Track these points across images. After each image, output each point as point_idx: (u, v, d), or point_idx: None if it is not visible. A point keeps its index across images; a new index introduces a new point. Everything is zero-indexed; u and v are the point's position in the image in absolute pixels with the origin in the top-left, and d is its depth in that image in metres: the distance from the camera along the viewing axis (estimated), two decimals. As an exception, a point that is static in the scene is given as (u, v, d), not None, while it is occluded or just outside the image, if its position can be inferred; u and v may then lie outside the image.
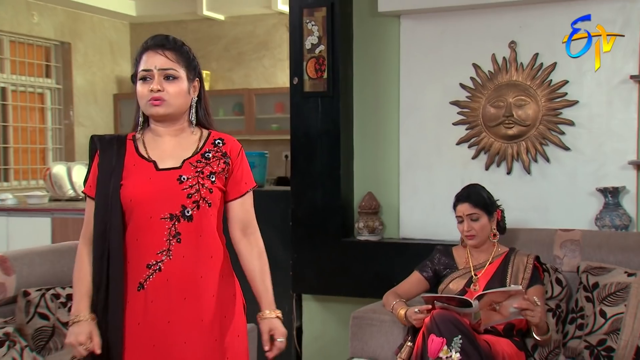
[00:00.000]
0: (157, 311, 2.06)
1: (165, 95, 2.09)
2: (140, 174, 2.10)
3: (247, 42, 7.96)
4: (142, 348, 2.06)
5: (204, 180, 2.11)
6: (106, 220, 2.08)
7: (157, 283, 2.06)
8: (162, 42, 2.13)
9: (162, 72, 2.09)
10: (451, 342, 2.35)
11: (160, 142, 2.16)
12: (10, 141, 7.50)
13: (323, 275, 4.05)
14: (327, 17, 3.94)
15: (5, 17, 7.23)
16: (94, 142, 2.18)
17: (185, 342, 2.07)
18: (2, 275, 2.69)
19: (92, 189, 2.14)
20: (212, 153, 2.15)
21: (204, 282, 2.09)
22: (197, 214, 2.09)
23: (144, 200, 2.08)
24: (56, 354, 2.64)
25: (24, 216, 5.56)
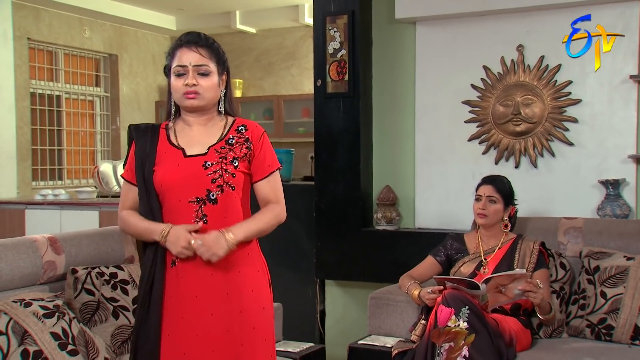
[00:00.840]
0: (186, 286, 2.08)
1: (199, 89, 2.11)
2: (170, 161, 2.12)
3: (276, 52, 8.01)
4: (173, 320, 2.08)
5: (227, 166, 2.11)
6: (148, 203, 2.12)
7: (186, 260, 2.08)
8: (196, 39, 2.15)
9: (196, 68, 2.11)
10: (459, 312, 2.33)
11: (189, 130, 2.18)
12: (64, 144, 7.63)
13: (344, 262, 4.05)
14: (348, 24, 3.95)
15: (60, 32, 7.37)
16: (131, 131, 2.22)
17: (212, 314, 2.07)
18: (53, 254, 2.72)
19: (128, 174, 2.18)
20: (235, 139, 2.15)
21: (229, 258, 2.09)
22: (222, 197, 2.10)
23: (173, 185, 2.10)
24: (101, 325, 2.66)
25: (75, 209, 5.63)
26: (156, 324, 2.09)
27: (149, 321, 2.09)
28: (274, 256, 4.24)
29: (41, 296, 2.57)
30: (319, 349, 3.02)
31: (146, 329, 2.09)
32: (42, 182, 7.33)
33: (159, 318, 2.09)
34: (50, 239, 2.76)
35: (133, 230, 2.16)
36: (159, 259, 2.10)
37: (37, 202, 5.83)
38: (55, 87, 7.52)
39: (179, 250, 2.04)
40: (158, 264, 2.10)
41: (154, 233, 2.08)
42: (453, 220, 3.85)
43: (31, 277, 2.65)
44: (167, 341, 2.08)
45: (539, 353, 2.75)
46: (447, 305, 2.43)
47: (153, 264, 2.11)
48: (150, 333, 2.08)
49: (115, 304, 2.72)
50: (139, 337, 2.09)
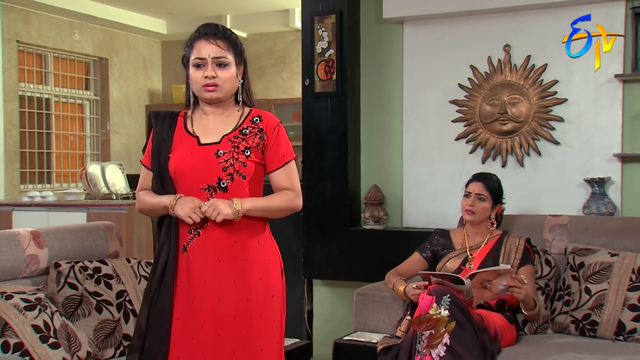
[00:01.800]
0: (195, 271, 2.11)
1: (218, 81, 2.14)
2: (184, 148, 2.16)
3: (267, 57, 8.03)
4: (182, 304, 2.12)
5: (239, 155, 2.14)
6: (163, 188, 2.17)
7: (196, 246, 2.12)
8: (214, 31, 2.17)
9: (215, 60, 2.13)
10: (440, 300, 2.34)
11: (205, 119, 2.21)
12: (53, 147, 7.61)
13: (332, 262, 4.05)
14: (336, 24, 3.97)
15: (50, 35, 7.36)
16: (150, 117, 2.26)
17: (219, 299, 2.10)
18: (35, 248, 2.72)
19: (147, 159, 2.24)
20: (249, 129, 2.18)
21: (238, 247, 2.12)
22: (232, 185, 2.13)
23: (185, 172, 2.14)
24: (84, 320, 2.66)
25: (63, 211, 5.61)
26: (168, 307, 2.12)
27: (162, 303, 2.11)
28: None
29: (23, 289, 2.57)
30: (304, 345, 3.02)
31: (158, 311, 2.12)
32: (31, 185, 7.30)
33: (170, 302, 2.12)
34: (33, 232, 2.76)
35: (148, 205, 2.20)
36: (173, 242, 2.13)
37: (25, 203, 5.81)
38: (45, 90, 7.51)
39: (187, 211, 2.06)
40: (172, 247, 2.13)
41: (165, 201, 2.12)
42: (440, 219, 3.86)
43: (13, 271, 2.65)
44: (177, 325, 2.12)
45: (523, 348, 2.75)
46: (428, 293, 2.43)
47: (166, 248, 2.14)
48: (163, 316, 2.10)
49: (98, 298, 2.72)
50: (150, 318, 2.12)
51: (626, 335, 2.81)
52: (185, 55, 2.19)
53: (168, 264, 2.12)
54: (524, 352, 2.71)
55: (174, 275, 2.12)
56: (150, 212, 2.21)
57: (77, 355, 2.53)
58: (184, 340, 2.10)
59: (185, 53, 2.19)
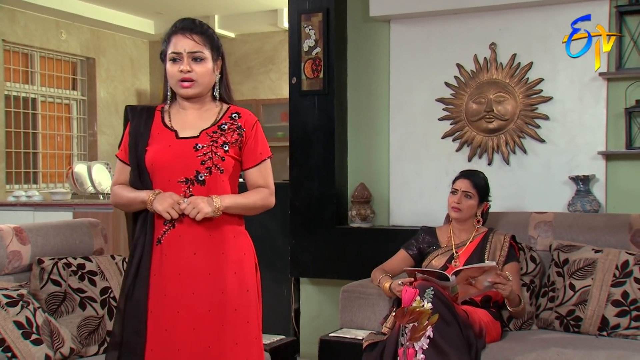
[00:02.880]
0: (169, 264, 2.11)
1: (194, 76, 2.15)
2: (162, 142, 2.17)
3: (256, 57, 8.03)
4: (157, 297, 2.11)
5: (217, 149, 2.15)
6: (140, 181, 2.16)
7: (171, 238, 2.12)
8: (191, 25, 2.18)
9: (190, 55, 2.15)
10: (423, 292, 2.35)
11: (183, 114, 2.22)
12: (39, 147, 7.57)
13: (319, 260, 4.05)
14: (323, 22, 3.97)
15: (36, 34, 7.33)
16: (127, 112, 2.28)
17: (194, 292, 2.10)
18: (18, 244, 2.70)
19: (122, 153, 2.24)
20: (228, 125, 2.20)
21: (213, 240, 2.13)
22: (210, 179, 2.13)
23: (163, 165, 2.14)
24: (67, 316, 2.64)
25: (48, 211, 5.58)
26: (144, 300, 2.11)
27: (137, 296, 2.11)
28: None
29: (5, 285, 2.56)
30: (290, 341, 3.02)
31: (134, 304, 2.11)
32: (17, 185, 7.26)
33: (145, 295, 2.11)
34: (15, 228, 2.74)
35: (125, 199, 2.19)
36: (149, 235, 2.13)
37: (10, 203, 5.78)
38: (31, 90, 7.47)
39: (166, 206, 2.06)
40: (147, 240, 2.13)
41: (143, 196, 2.12)
42: (427, 217, 3.87)
43: (-5, 267, 2.63)
44: (151, 317, 2.11)
45: (508, 344, 2.76)
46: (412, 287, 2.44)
47: (142, 242, 2.14)
48: (138, 308, 2.10)
49: (82, 295, 2.71)
50: (127, 313, 2.11)
51: (609, 330, 2.83)
52: (163, 50, 2.21)
53: (143, 257, 2.12)
54: (508, 347, 2.72)
55: (148, 269, 2.12)
56: (127, 206, 2.21)
57: (60, 352, 2.51)
58: (157, 332, 2.10)
59: (163, 48, 2.21)
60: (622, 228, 3.09)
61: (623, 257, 2.93)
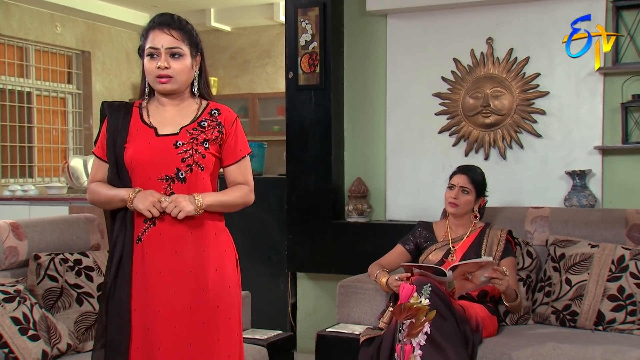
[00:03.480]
0: (150, 262, 2.09)
1: (172, 72, 2.12)
2: (142, 139, 2.14)
3: (252, 51, 8.00)
4: (138, 295, 2.09)
5: (198, 147, 2.13)
6: (119, 179, 2.14)
7: (151, 236, 2.10)
8: (168, 21, 2.15)
9: (168, 50, 2.12)
10: (421, 289, 2.35)
11: (162, 110, 2.19)
12: (35, 141, 7.53)
13: (316, 255, 4.05)
14: (320, 16, 3.97)
15: (31, 27, 7.28)
16: (104, 108, 2.21)
17: (175, 290, 2.08)
18: (15, 240, 2.70)
19: (99, 150, 2.20)
20: (207, 122, 2.17)
21: (193, 238, 2.11)
22: (190, 176, 2.12)
23: (143, 163, 2.11)
24: (64, 312, 2.64)
25: (45, 205, 5.57)
26: (126, 299, 2.10)
27: (119, 295, 2.10)
28: (246, 249, 4.23)
29: (2, 281, 2.55)
30: (287, 337, 3.02)
31: (116, 303, 2.10)
32: (12, 179, 7.23)
33: (128, 294, 2.10)
34: (12, 224, 2.73)
35: (103, 197, 2.15)
36: (128, 233, 2.11)
37: (6, 197, 5.76)
38: (26, 84, 7.43)
39: (147, 204, 2.04)
40: (126, 240, 2.11)
41: (123, 194, 2.09)
42: (424, 212, 3.88)
43: (-8, 263, 2.63)
44: (135, 316, 2.10)
45: (504, 338, 2.78)
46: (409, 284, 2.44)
47: (121, 240, 2.12)
48: (121, 307, 2.08)
49: (79, 291, 2.71)
50: (110, 310, 2.10)
51: (605, 325, 2.85)
52: (141, 46, 2.17)
53: (124, 256, 2.10)
54: (504, 342, 2.73)
55: (130, 267, 2.10)
56: (105, 204, 2.17)
57: (57, 348, 2.51)
58: (140, 331, 2.08)
59: (141, 43, 2.17)
60: (619, 223, 3.10)
61: (619, 252, 2.94)
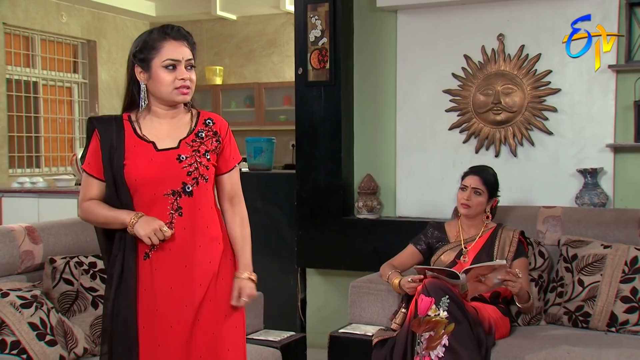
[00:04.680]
0: (160, 278, 2.08)
1: (190, 84, 2.13)
2: (142, 155, 2.10)
3: (257, 40, 7.95)
4: (148, 312, 2.08)
5: (201, 158, 2.13)
6: (118, 198, 2.10)
7: (160, 253, 2.08)
8: (184, 34, 2.14)
9: (187, 62, 2.12)
10: (439, 301, 2.35)
11: (157, 123, 2.15)
12: (41, 131, 7.52)
13: (325, 251, 4.06)
14: (330, 12, 3.93)
15: (37, 17, 7.24)
16: (92, 123, 2.15)
17: (186, 305, 2.08)
18: (30, 243, 2.70)
19: (90, 167, 2.13)
20: (204, 132, 2.17)
21: (202, 251, 2.11)
22: (197, 189, 2.11)
23: (148, 180, 2.08)
24: (80, 315, 2.65)
25: (53, 197, 5.56)
26: (133, 316, 2.08)
27: (125, 314, 2.08)
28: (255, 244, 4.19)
29: (19, 286, 2.56)
30: (299, 338, 3.03)
31: (122, 322, 2.08)
32: (19, 170, 7.24)
33: (135, 312, 2.09)
34: (27, 228, 2.73)
35: (101, 218, 2.10)
36: (128, 250, 2.09)
37: (14, 190, 5.76)
38: (32, 73, 7.41)
39: (148, 232, 2.01)
40: (128, 256, 2.09)
41: (124, 218, 2.05)
42: (434, 209, 3.87)
43: (8, 267, 2.63)
44: (142, 333, 2.08)
45: (517, 341, 2.78)
46: (427, 294, 2.44)
47: (120, 258, 2.09)
48: (128, 326, 2.07)
49: (94, 294, 2.71)
50: (115, 330, 2.09)
51: (618, 326, 2.85)
52: (146, 57, 2.09)
53: (125, 274, 2.07)
54: (517, 344, 2.73)
55: (135, 285, 2.08)
56: (103, 224, 2.13)
57: (74, 352, 2.52)
58: (150, 348, 2.08)
59: (145, 55, 2.09)
60: (632, 223, 3.09)
61: (632, 252, 2.93)
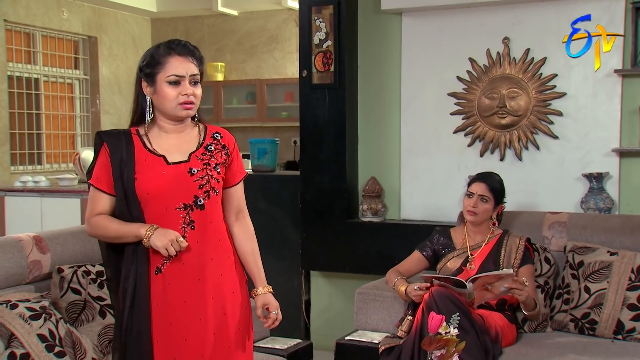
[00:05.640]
0: (173, 292, 2.08)
1: (194, 99, 2.12)
2: (153, 169, 2.09)
3: (259, 36, 7.92)
4: (162, 326, 2.08)
5: (212, 171, 2.13)
6: (129, 212, 2.09)
7: (173, 267, 2.08)
8: (190, 49, 2.13)
9: (191, 78, 2.11)
10: (449, 319, 2.35)
11: (165, 137, 2.14)
12: (43, 127, 7.51)
13: (329, 254, 4.06)
14: (334, 14, 3.92)
15: (38, 13, 7.21)
16: (101, 137, 2.13)
17: (200, 318, 2.08)
18: (38, 253, 2.69)
19: (99, 181, 2.11)
20: (213, 146, 2.17)
21: (213, 264, 2.12)
22: (208, 203, 2.11)
23: (159, 193, 2.07)
24: (87, 325, 2.64)
25: (56, 197, 5.56)
26: (146, 332, 2.08)
27: (138, 328, 2.07)
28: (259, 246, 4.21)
29: (27, 297, 2.55)
30: (306, 346, 3.03)
31: (135, 336, 2.08)
32: (21, 167, 7.23)
33: (148, 326, 2.08)
34: (35, 237, 2.73)
35: (112, 233, 2.09)
36: (141, 264, 2.08)
37: (17, 189, 5.76)
38: (34, 70, 7.38)
39: (165, 243, 2.01)
40: (141, 270, 2.08)
41: (138, 230, 2.04)
42: (438, 212, 3.87)
43: (16, 277, 2.63)
44: (157, 347, 2.08)
45: (524, 349, 2.78)
46: (437, 311, 2.44)
47: (133, 272, 2.08)
48: (141, 340, 2.07)
49: (101, 303, 2.71)
50: (128, 344, 2.08)
51: (625, 334, 2.85)
52: (152, 72, 2.08)
53: (138, 288, 2.07)
54: (524, 353, 2.73)
55: (148, 299, 2.07)
56: (114, 239, 2.10)
57: (83, 363, 2.52)
58: None
59: (150, 70, 2.08)
60: (638, 230, 3.08)
61: (639, 260, 2.93)
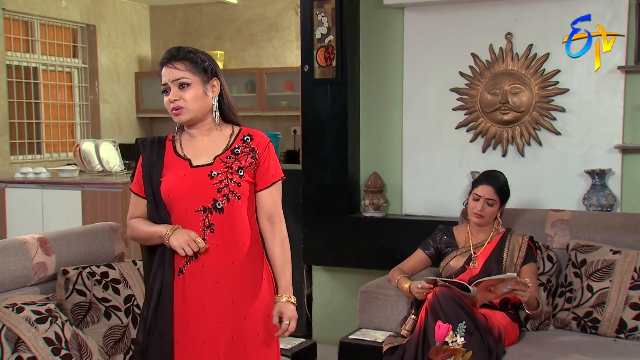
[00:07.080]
0: (193, 294, 2.10)
1: (182, 103, 2.12)
2: (177, 171, 2.14)
3: (259, 24, 7.86)
4: (181, 327, 2.11)
5: (233, 175, 2.12)
6: (157, 214, 2.14)
7: (193, 269, 2.11)
8: (172, 54, 2.15)
9: (175, 83, 2.13)
10: (456, 327, 2.37)
11: (194, 141, 2.20)
12: (42, 117, 7.47)
13: (331, 248, 4.06)
14: (336, 9, 3.89)
15: (36, 2, 7.15)
16: (138, 144, 2.23)
17: (218, 321, 2.10)
18: (43, 255, 2.69)
19: (136, 186, 2.21)
20: (241, 149, 2.17)
21: (235, 268, 2.12)
22: (228, 206, 2.11)
23: (180, 195, 2.12)
24: (93, 326, 2.65)
25: (57, 189, 5.56)
26: (169, 333, 2.11)
27: (161, 329, 2.10)
28: (261, 240, 4.23)
29: (33, 299, 2.55)
30: (310, 345, 3.05)
31: (157, 337, 2.11)
32: (21, 157, 7.20)
33: (170, 327, 2.11)
34: (40, 239, 2.72)
35: (142, 234, 2.17)
36: (167, 266, 2.12)
37: (18, 180, 5.75)
38: (32, 59, 7.33)
39: (181, 242, 2.04)
40: (166, 272, 2.12)
41: (161, 230, 2.10)
42: (440, 207, 3.88)
43: (22, 279, 2.63)
44: (177, 348, 2.11)
45: (527, 348, 2.80)
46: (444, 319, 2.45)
47: (160, 274, 2.12)
48: (163, 341, 2.09)
49: (107, 304, 2.71)
50: (150, 346, 2.10)
51: (627, 333, 2.87)
52: None
53: (164, 290, 2.10)
54: (527, 353, 2.75)
55: (171, 301, 2.11)
56: (145, 240, 2.17)
57: (89, 365, 2.53)
58: None
59: None
60: (640, 228, 3.09)
61: (641, 259, 2.94)
